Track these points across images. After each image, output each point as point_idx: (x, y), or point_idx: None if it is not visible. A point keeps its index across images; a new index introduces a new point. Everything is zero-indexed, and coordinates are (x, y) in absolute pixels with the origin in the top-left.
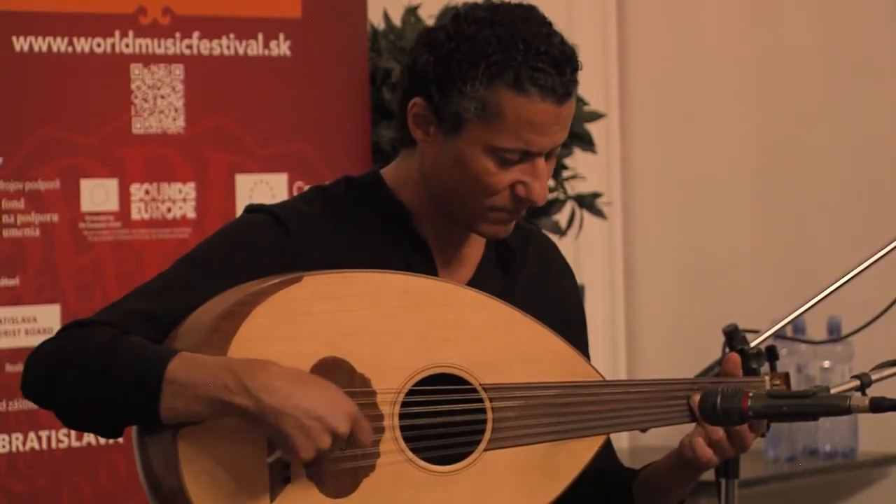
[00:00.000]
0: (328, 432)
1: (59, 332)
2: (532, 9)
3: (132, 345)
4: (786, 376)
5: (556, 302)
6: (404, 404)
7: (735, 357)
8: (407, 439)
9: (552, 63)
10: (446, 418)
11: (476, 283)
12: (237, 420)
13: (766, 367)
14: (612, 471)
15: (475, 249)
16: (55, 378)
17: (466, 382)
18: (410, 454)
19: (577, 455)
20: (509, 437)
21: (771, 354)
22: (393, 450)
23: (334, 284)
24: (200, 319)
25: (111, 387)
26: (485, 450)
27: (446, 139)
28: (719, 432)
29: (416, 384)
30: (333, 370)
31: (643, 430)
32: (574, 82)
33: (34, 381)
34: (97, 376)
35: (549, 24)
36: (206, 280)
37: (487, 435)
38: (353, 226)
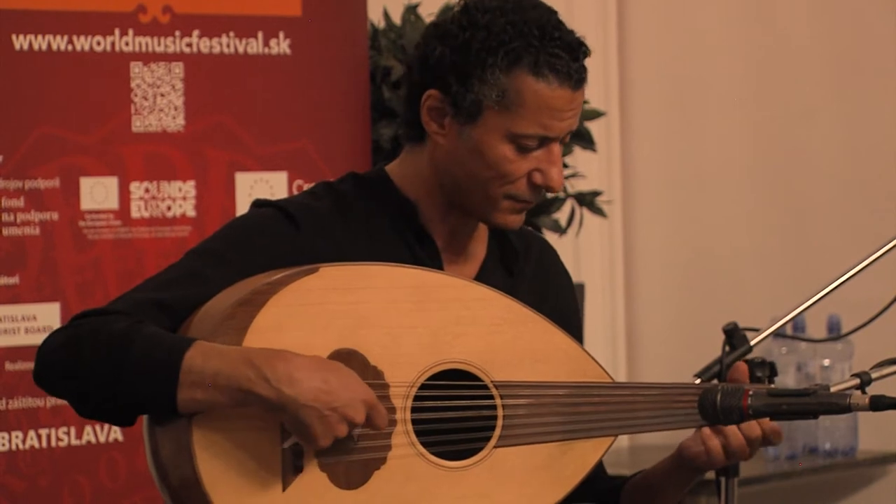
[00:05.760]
0: (345, 421)
1: (72, 321)
2: None
3: (148, 333)
4: (771, 366)
5: (556, 308)
6: (416, 398)
7: (743, 366)
8: (418, 433)
9: (566, 48)
10: (457, 413)
11: (480, 280)
12: (251, 408)
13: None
14: (599, 477)
15: (479, 247)
16: (70, 366)
17: (478, 379)
18: (421, 448)
19: (584, 456)
20: (519, 434)
21: (772, 370)
22: (404, 443)
23: (350, 276)
24: (215, 308)
25: (127, 375)
26: (495, 447)
27: (462, 129)
28: (733, 433)
29: (429, 379)
30: (347, 362)
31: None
32: (585, 69)
33: (48, 370)
34: (113, 364)
35: (556, 13)
36: (217, 272)
37: (497, 432)
38: (361, 221)
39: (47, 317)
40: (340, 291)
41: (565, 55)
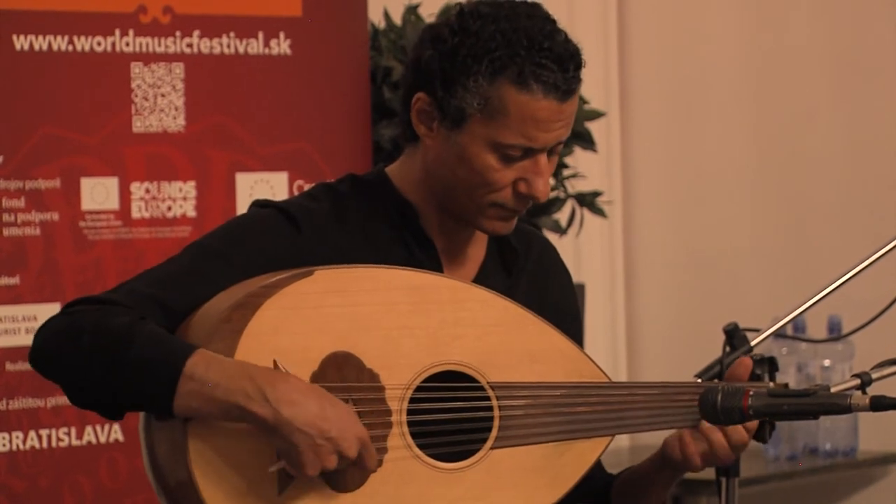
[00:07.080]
0: (336, 454)
1: (70, 307)
2: (536, 6)
3: (152, 333)
4: (771, 362)
5: (556, 306)
6: (412, 400)
7: (747, 361)
8: (414, 435)
9: (555, 60)
10: (454, 415)
11: (479, 281)
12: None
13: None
14: (594, 475)
15: (478, 248)
16: (68, 356)
17: (474, 380)
18: (418, 450)
19: (582, 456)
20: (516, 435)
21: (772, 365)
22: (400, 445)
23: (346, 279)
24: (212, 310)
25: (127, 372)
26: (491, 448)
27: (449, 134)
28: (713, 434)
29: (425, 381)
30: (343, 364)
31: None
32: (577, 79)
33: (45, 354)
34: (114, 358)
35: (554, 22)
36: (217, 271)
37: (494, 433)
38: (361, 223)
39: (48, 317)
40: (336, 294)
41: (553, 66)
